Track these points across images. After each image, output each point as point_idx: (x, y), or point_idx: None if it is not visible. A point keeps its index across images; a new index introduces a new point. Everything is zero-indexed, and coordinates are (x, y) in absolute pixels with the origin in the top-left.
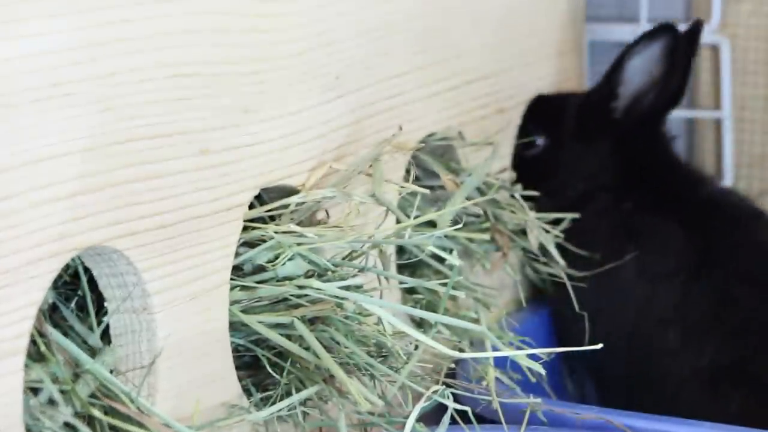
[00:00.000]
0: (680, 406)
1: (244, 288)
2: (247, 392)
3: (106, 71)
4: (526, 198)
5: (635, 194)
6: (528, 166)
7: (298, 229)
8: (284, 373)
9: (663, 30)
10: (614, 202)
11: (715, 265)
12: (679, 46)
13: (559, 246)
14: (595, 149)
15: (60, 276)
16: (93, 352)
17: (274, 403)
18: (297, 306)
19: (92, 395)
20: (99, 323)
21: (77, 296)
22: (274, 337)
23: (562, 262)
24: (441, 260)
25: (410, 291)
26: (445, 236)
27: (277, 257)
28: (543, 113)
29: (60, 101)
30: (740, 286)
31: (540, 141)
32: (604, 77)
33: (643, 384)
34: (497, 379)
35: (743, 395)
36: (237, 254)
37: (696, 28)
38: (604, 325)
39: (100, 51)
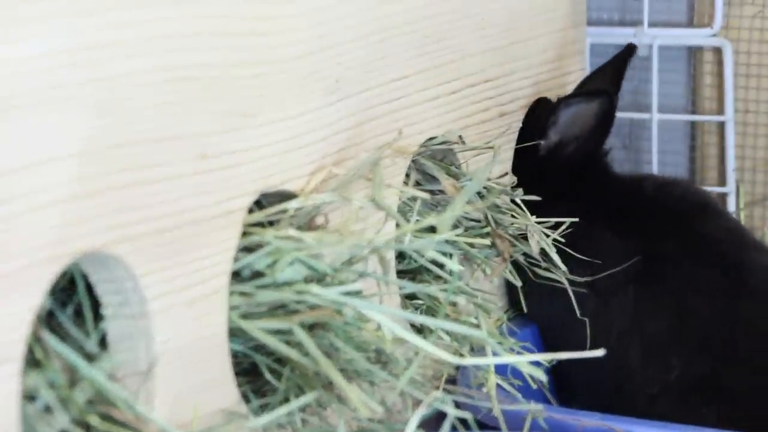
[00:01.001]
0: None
1: (242, 293)
2: (246, 398)
3: (104, 75)
4: (526, 203)
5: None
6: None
7: (297, 234)
8: (283, 380)
9: (602, 94)
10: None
11: (662, 273)
12: (613, 111)
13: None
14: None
15: (57, 282)
16: (90, 359)
17: (272, 410)
18: (296, 312)
19: (89, 402)
20: (96, 329)
21: (74, 302)
22: (273, 343)
23: (563, 267)
24: (441, 265)
25: (410, 296)
26: (446, 241)
27: (276, 262)
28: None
29: (58, 104)
30: (695, 291)
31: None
32: (545, 114)
33: (614, 403)
34: (498, 385)
35: (718, 408)
36: (236, 259)
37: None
38: (568, 342)
39: (99, 54)
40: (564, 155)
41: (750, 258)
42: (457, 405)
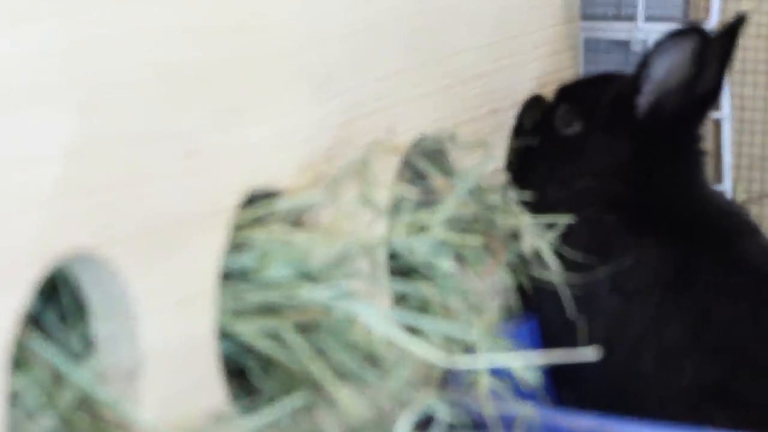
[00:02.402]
0: None
1: (231, 294)
2: (234, 400)
3: (89, 72)
4: (520, 201)
5: (623, 206)
6: (560, 145)
7: (286, 233)
8: (272, 381)
9: (691, 32)
10: (600, 213)
11: (691, 283)
12: (709, 50)
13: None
14: (615, 145)
15: (42, 283)
16: (76, 360)
17: (261, 411)
18: (285, 312)
19: (76, 404)
20: (82, 330)
21: (60, 303)
22: (262, 343)
23: (556, 266)
24: (433, 265)
25: (401, 296)
26: (437, 240)
27: (264, 262)
28: (582, 97)
29: (41, 103)
30: (717, 303)
31: (577, 122)
32: (634, 71)
33: (622, 405)
34: (490, 386)
35: (728, 415)
36: (224, 259)
37: (734, 28)
38: (580, 340)
39: (83, 52)
40: (667, 111)
41: None
42: (449, 406)
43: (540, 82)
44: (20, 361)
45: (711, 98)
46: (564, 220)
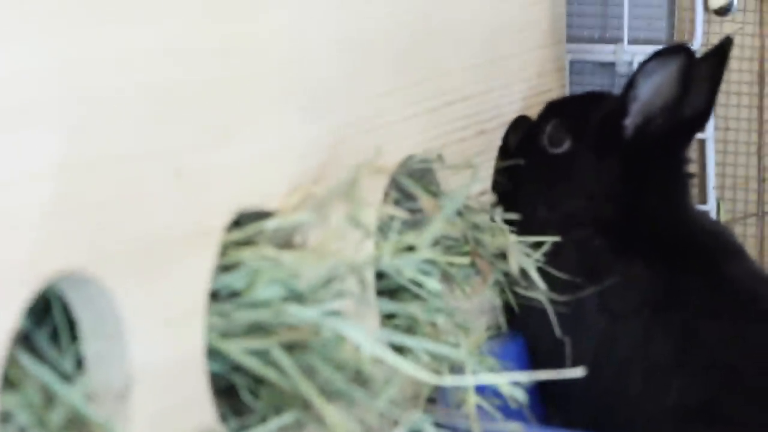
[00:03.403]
0: None
1: (220, 313)
2: (224, 419)
3: (78, 93)
4: (507, 221)
5: (612, 227)
6: (547, 163)
7: (275, 253)
8: (261, 400)
9: (677, 51)
10: (590, 235)
11: (678, 303)
12: (696, 69)
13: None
14: (605, 167)
15: (33, 302)
16: (67, 379)
17: (250, 430)
18: (274, 331)
19: (66, 423)
20: (73, 349)
21: (51, 322)
22: (251, 363)
23: (543, 286)
24: (420, 284)
25: (389, 316)
26: (425, 260)
27: (253, 282)
28: (571, 114)
29: (31, 123)
30: (704, 323)
31: (566, 140)
32: (622, 91)
33: (609, 423)
34: (477, 405)
35: None
36: (213, 279)
37: (722, 50)
38: (567, 359)
39: (72, 71)
40: (653, 133)
41: (766, 290)
42: (437, 425)
43: (527, 103)
44: (11, 380)
45: (699, 120)
46: (550, 240)
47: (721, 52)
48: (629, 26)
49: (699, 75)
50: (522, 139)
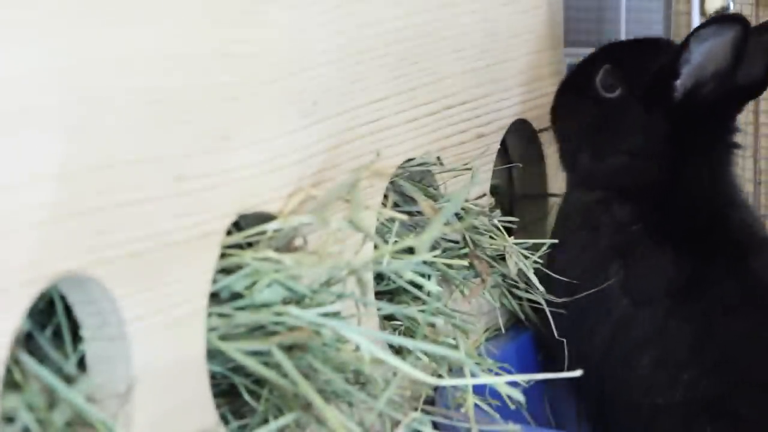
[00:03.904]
0: None
1: (221, 315)
2: (225, 420)
3: (80, 97)
4: (504, 225)
5: (650, 202)
6: (596, 107)
7: (275, 255)
8: (262, 401)
9: (733, 20)
10: (629, 219)
11: (699, 296)
12: (748, 40)
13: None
14: (652, 123)
15: (35, 303)
16: (69, 381)
17: (251, 431)
18: (274, 333)
19: (68, 424)
20: (75, 351)
21: (53, 324)
22: (252, 364)
23: (541, 288)
24: (419, 287)
25: (388, 318)
26: (424, 262)
27: (254, 284)
28: (630, 60)
29: (31, 127)
30: (723, 318)
31: (619, 86)
32: (674, 52)
33: (617, 408)
34: (476, 405)
35: (722, 430)
36: (214, 281)
37: None
38: (582, 341)
39: (74, 76)
40: (703, 98)
41: None
42: (436, 426)
43: (525, 107)
44: (14, 381)
45: (753, 89)
46: (549, 242)
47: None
48: (626, 30)
49: (754, 46)
50: (572, 78)
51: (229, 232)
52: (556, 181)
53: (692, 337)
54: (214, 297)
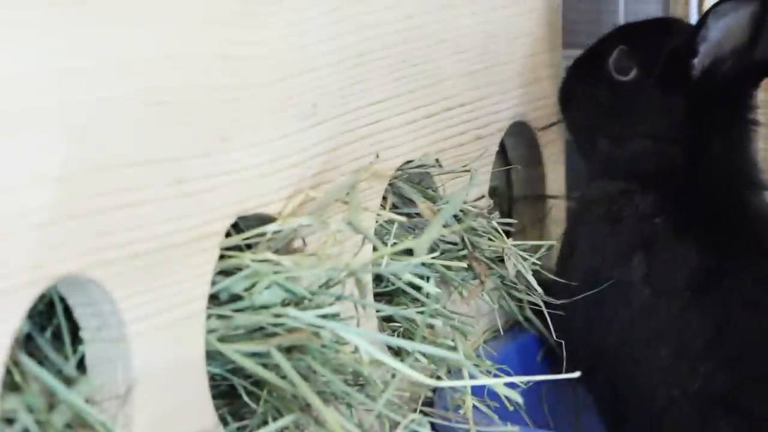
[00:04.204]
0: (667, 427)
1: (220, 317)
2: (224, 421)
3: (80, 99)
4: (503, 227)
5: (673, 192)
6: (611, 90)
7: (274, 257)
8: (261, 402)
9: None
10: (653, 210)
11: (720, 290)
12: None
13: (574, 228)
14: (670, 104)
15: (35, 305)
16: (68, 382)
17: None
18: (273, 334)
19: (68, 425)
20: (74, 352)
21: (52, 325)
22: (251, 365)
23: (540, 290)
24: (418, 288)
25: (387, 319)
26: (423, 264)
27: (253, 286)
28: (645, 41)
29: (32, 128)
30: (742, 313)
31: (634, 68)
32: (691, 31)
33: (631, 398)
34: (475, 407)
35: (733, 424)
36: (213, 283)
37: None
38: (600, 329)
39: (75, 78)
40: (721, 75)
41: None
42: (434, 427)
43: (523, 109)
44: (14, 382)
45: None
46: (547, 244)
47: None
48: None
49: None
50: (583, 60)
51: (228, 234)
52: (555, 182)
53: (711, 330)
54: (214, 298)
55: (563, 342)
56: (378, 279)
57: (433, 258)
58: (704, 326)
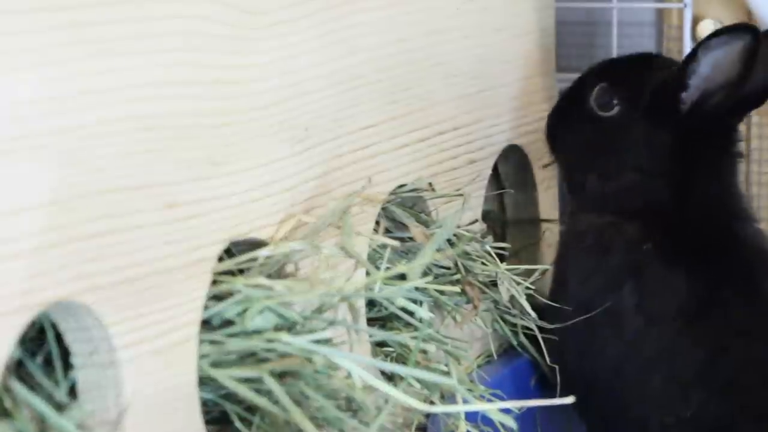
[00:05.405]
0: None
1: (212, 342)
2: None
3: (72, 124)
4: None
5: (662, 221)
6: (596, 127)
7: (267, 282)
8: (253, 428)
9: (743, 30)
10: (641, 237)
11: (712, 317)
12: (759, 50)
13: (563, 259)
14: (658, 138)
15: (26, 331)
16: (60, 408)
17: None
18: (266, 360)
19: None
20: (66, 378)
21: (44, 351)
22: (243, 391)
23: (533, 314)
24: (411, 313)
25: (380, 344)
26: (416, 289)
27: (246, 311)
28: (627, 77)
29: (25, 154)
30: (734, 341)
31: (616, 103)
32: (681, 64)
33: (624, 425)
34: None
35: None
36: (205, 308)
37: None
38: (591, 357)
39: (66, 103)
40: (710, 109)
41: None
42: None
43: (517, 132)
44: (5, 408)
45: (759, 98)
46: (543, 268)
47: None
48: (617, 54)
49: (762, 54)
50: (566, 99)
51: (220, 259)
52: (548, 206)
53: (702, 360)
54: (206, 324)
55: (557, 367)
56: (371, 304)
57: (426, 282)
58: (695, 355)
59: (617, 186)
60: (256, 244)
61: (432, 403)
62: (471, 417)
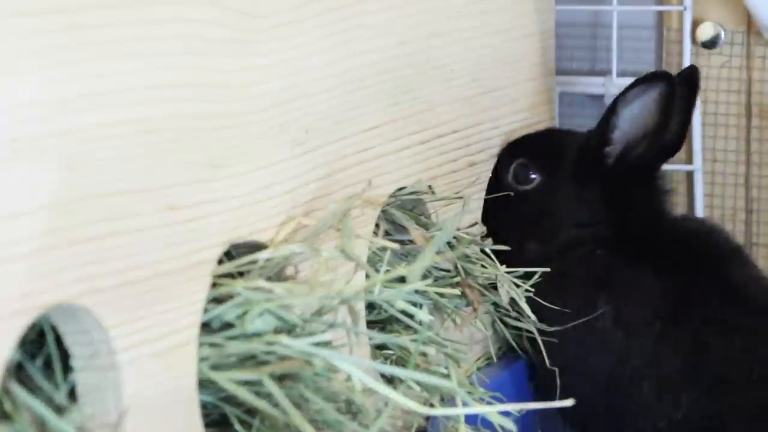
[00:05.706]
0: None
1: (212, 345)
2: None
3: (72, 127)
4: (496, 253)
5: (614, 244)
6: (519, 202)
7: (267, 285)
8: (253, 431)
9: (658, 77)
10: (593, 251)
11: (688, 314)
12: (675, 95)
13: (531, 299)
14: (588, 194)
15: (26, 333)
16: (60, 411)
17: None
18: (266, 362)
19: None
20: (66, 381)
21: (43, 354)
22: (243, 394)
23: (533, 317)
24: (411, 315)
25: (380, 347)
26: (416, 291)
27: (245, 313)
28: (540, 150)
29: (26, 157)
30: (714, 336)
31: (534, 176)
32: (601, 121)
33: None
34: None
35: None
36: (205, 310)
37: (692, 75)
38: (581, 376)
39: (67, 107)
40: (634, 160)
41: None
42: None
43: (516, 135)
44: (5, 411)
45: (676, 144)
46: (540, 271)
47: (690, 79)
48: (618, 59)
49: (678, 100)
50: (490, 185)
51: (220, 261)
52: None
53: (686, 359)
54: (206, 326)
55: (557, 370)
56: (371, 306)
57: (426, 285)
58: (680, 356)
59: (558, 244)
60: (256, 247)
61: (432, 405)
62: (471, 420)
